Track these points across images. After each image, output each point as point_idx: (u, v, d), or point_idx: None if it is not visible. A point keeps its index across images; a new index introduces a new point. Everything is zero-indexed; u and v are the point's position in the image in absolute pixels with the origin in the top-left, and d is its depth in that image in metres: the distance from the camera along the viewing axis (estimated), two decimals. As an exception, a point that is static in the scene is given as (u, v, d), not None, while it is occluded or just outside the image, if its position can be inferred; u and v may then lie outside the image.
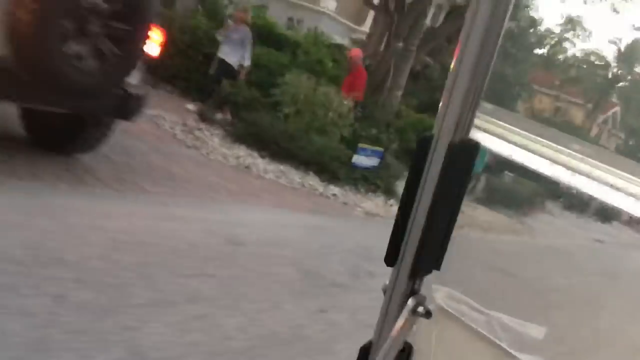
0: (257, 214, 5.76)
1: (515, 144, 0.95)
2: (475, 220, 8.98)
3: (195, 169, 6.23)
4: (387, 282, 0.81)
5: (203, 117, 7.99)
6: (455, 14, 15.85)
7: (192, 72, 9.20)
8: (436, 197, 0.76)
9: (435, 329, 0.94)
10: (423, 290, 0.81)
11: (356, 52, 9.81)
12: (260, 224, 5.45)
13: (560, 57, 26.51)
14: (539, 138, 0.96)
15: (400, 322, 0.78)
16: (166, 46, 5.12)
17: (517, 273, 6.64)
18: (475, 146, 0.78)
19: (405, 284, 0.80)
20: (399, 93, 12.67)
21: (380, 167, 8.41)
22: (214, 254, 4.15)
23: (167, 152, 6.46)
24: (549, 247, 10.37)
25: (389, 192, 8.42)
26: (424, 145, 0.77)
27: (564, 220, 15.15)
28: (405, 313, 0.78)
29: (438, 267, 0.81)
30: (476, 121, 0.79)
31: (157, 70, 7.29)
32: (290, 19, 13.14)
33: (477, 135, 0.80)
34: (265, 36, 10.77)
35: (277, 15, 13.43)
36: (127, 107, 4.58)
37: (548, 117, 23.28)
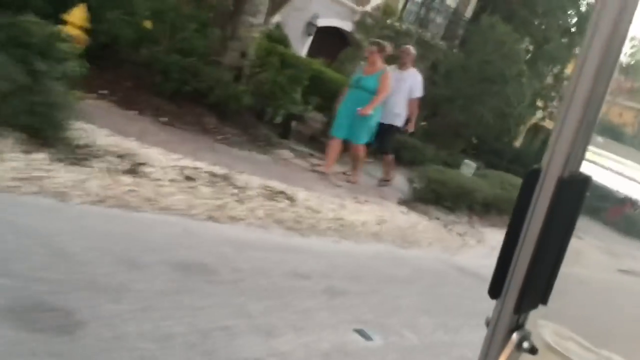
0: None
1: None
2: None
3: None
4: (490, 315, 0.79)
5: None
6: None
7: None
8: (543, 233, 0.73)
9: (541, 366, 0.88)
10: (529, 326, 0.79)
11: None
12: None
13: None
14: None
15: (503, 357, 0.76)
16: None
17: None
18: (586, 181, 0.74)
19: (510, 317, 0.77)
20: (255, 21, 7.38)
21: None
22: None
23: None
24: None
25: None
26: (532, 178, 0.74)
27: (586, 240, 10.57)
28: (508, 348, 0.76)
29: (545, 302, 0.79)
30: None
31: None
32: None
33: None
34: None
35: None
36: None
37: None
